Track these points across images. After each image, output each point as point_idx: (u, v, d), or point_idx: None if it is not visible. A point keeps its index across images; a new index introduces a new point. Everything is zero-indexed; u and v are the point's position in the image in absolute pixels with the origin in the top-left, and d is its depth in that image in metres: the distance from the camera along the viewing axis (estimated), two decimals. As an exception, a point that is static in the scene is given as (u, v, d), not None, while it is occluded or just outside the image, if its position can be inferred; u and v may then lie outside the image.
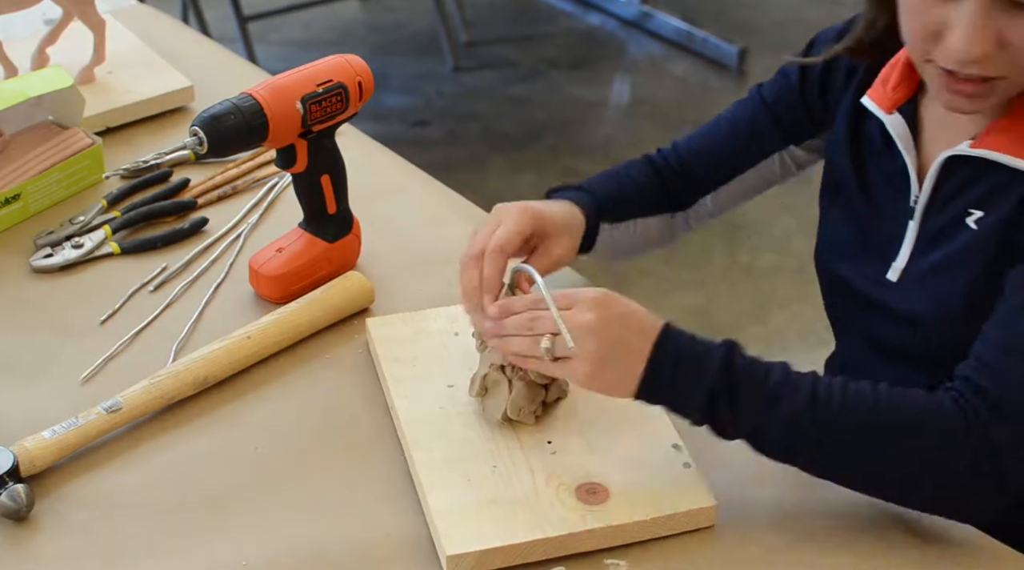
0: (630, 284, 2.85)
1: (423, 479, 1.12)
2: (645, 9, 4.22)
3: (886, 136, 1.23)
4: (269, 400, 1.24)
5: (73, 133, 1.54)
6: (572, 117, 3.76)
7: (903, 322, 1.21)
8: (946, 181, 1.18)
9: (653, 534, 1.08)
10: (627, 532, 1.08)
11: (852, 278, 1.28)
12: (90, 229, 1.46)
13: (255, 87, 1.28)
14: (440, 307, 1.32)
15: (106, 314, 1.35)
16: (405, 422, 1.18)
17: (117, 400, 1.19)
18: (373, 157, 1.65)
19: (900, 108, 1.21)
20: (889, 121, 1.21)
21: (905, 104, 1.21)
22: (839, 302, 1.34)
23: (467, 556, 1.05)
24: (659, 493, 1.10)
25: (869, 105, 1.23)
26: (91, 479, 1.15)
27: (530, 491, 1.10)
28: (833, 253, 1.32)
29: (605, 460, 1.14)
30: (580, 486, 1.11)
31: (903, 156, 1.21)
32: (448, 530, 1.06)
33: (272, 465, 1.17)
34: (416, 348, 1.27)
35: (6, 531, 1.09)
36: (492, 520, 1.07)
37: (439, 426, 1.17)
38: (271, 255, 1.37)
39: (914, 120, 1.22)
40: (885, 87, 1.22)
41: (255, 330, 1.28)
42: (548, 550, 1.06)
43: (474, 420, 1.18)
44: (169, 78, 1.73)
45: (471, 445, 1.15)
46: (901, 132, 1.21)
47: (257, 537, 1.09)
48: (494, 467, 1.13)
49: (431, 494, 1.10)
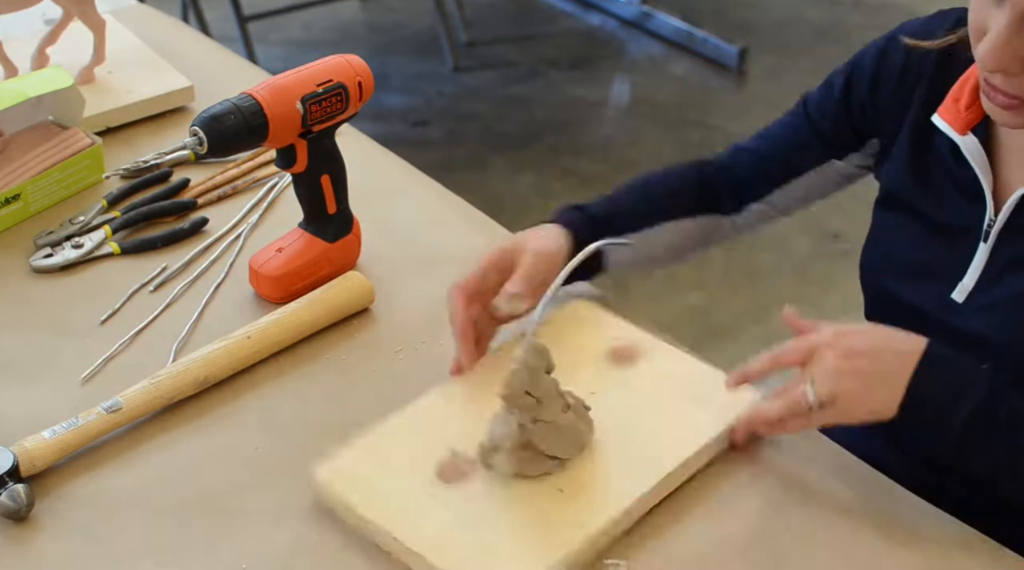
0: (630, 284, 2.85)
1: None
2: (645, 9, 4.22)
3: (957, 154, 1.20)
4: (269, 400, 1.24)
5: (73, 133, 1.54)
6: (572, 117, 3.76)
7: (968, 344, 1.17)
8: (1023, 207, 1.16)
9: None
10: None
11: (908, 295, 1.26)
12: (90, 229, 1.46)
13: (255, 87, 1.28)
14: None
15: (106, 314, 1.35)
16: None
17: (117, 400, 1.19)
18: (373, 157, 1.65)
19: (974, 130, 1.18)
20: (963, 143, 1.19)
21: (978, 125, 1.18)
22: (889, 318, 1.26)
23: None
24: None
25: (941, 125, 1.20)
26: (91, 479, 1.15)
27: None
28: (887, 267, 1.30)
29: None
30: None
31: (979, 178, 1.19)
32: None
33: (272, 465, 1.17)
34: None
35: (6, 531, 1.09)
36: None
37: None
38: (271, 255, 1.37)
39: (988, 141, 1.19)
40: (957, 106, 1.19)
41: (255, 330, 1.28)
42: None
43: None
44: (169, 78, 1.73)
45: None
46: (976, 155, 1.18)
47: (257, 537, 1.09)
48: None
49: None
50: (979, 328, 1.19)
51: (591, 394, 1.17)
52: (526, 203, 3.28)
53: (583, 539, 1.05)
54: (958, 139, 1.19)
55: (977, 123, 1.18)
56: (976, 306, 1.20)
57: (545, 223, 1.32)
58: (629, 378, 1.22)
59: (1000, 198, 1.18)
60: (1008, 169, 1.19)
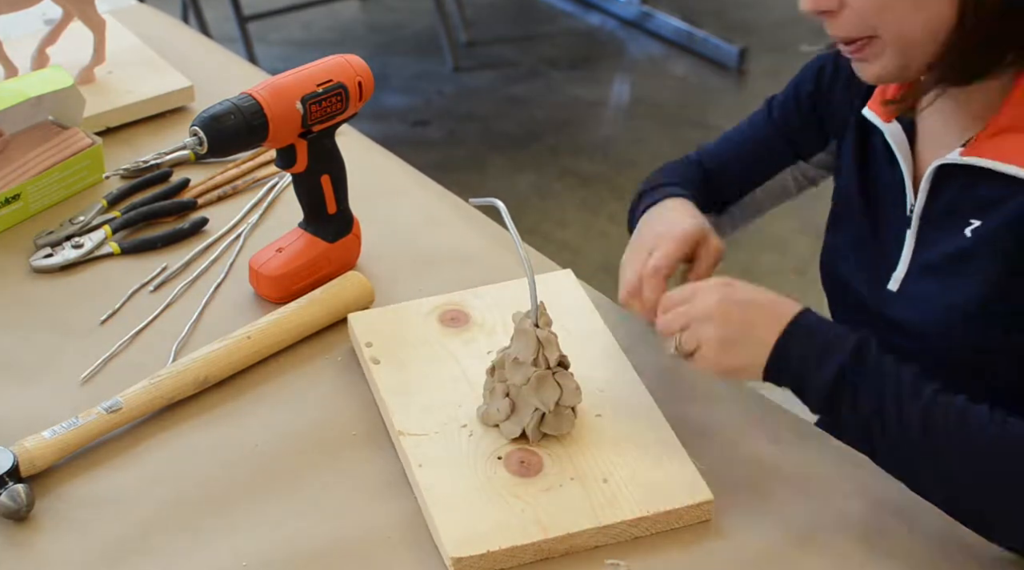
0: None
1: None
2: (645, 9, 4.21)
3: (888, 146, 1.23)
4: (269, 400, 1.24)
5: (73, 133, 1.54)
6: (572, 117, 3.76)
7: (904, 332, 1.20)
8: (942, 191, 1.18)
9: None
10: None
11: (853, 286, 1.29)
12: (90, 229, 1.46)
13: (255, 87, 1.28)
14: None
15: (106, 314, 1.35)
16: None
17: (117, 400, 1.19)
18: (373, 157, 1.65)
19: (900, 118, 1.21)
20: (888, 130, 1.22)
21: (903, 116, 1.21)
22: (840, 309, 1.34)
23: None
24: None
25: (870, 116, 1.24)
26: (91, 479, 1.15)
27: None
28: (837, 260, 1.33)
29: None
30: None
31: (900, 165, 1.21)
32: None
33: (272, 465, 1.17)
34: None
35: (6, 531, 1.09)
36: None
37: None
38: (271, 255, 1.37)
39: (911, 130, 1.22)
40: (884, 97, 1.22)
41: (255, 330, 1.28)
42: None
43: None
44: (169, 78, 1.72)
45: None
46: (899, 140, 1.21)
47: (257, 537, 1.09)
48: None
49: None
50: (908, 317, 1.21)
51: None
52: (526, 203, 3.28)
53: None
54: (883, 126, 1.22)
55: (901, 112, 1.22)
56: (906, 295, 1.22)
57: (648, 195, 1.37)
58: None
59: (919, 185, 1.21)
60: (929, 155, 1.21)
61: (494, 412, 1.16)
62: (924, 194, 1.19)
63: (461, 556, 1.04)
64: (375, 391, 1.22)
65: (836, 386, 1.07)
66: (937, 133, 1.20)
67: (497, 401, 1.15)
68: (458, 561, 1.04)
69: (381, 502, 1.13)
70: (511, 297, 1.31)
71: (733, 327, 1.11)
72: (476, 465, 1.13)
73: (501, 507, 1.09)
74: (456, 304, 1.31)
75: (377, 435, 1.20)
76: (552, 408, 1.13)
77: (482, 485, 1.11)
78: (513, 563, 1.06)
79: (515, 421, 1.15)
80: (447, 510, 1.08)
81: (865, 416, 1.06)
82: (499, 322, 1.29)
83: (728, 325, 1.11)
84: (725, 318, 1.11)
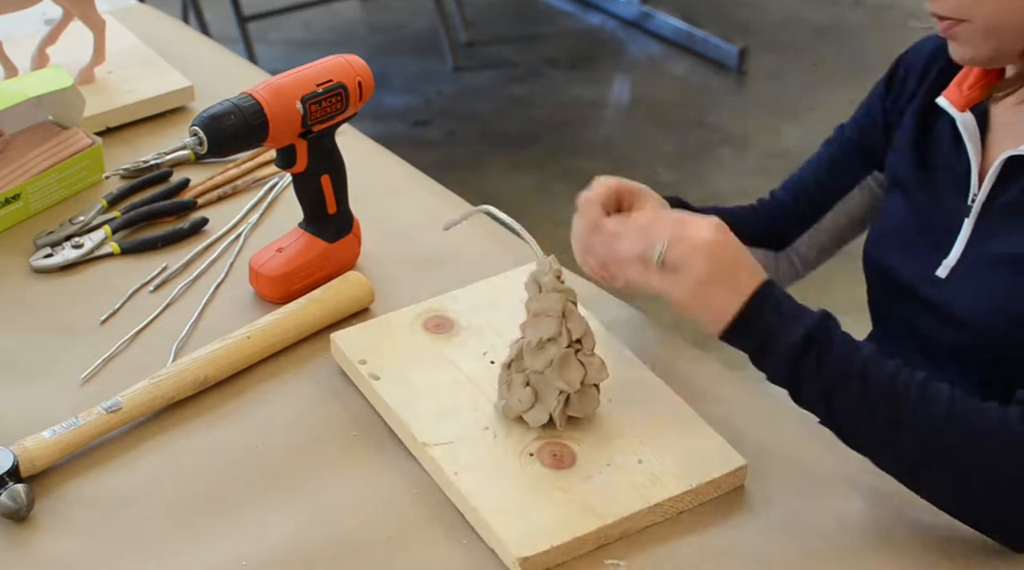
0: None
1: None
2: (645, 9, 4.22)
3: (956, 135, 1.24)
4: (269, 400, 1.24)
5: (73, 133, 1.54)
6: (572, 117, 3.76)
7: (948, 321, 1.20)
8: (1008, 183, 1.18)
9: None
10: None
11: (900, 270, 1.29)
12: (90, 229, 1.47)
13: (255, 87, 1.28)
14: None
15: (106, 314, 1.35)
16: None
17: (117, 400, 1.19)
18: (373, 157, 1.65)
19: (973, 108, 1.22)
20: (960, 119, 1.22)
21: (978, 104, 1.22)
22: (882, 293, 1.34)
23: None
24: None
25: (944, 104, 1.24)
26: (91, 479, 1.15)
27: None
28: (884, 244, 1.33)
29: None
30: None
31: (968, 154, 1.22)
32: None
33: (272, 465, 1.17)
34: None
35: (6, 531, 1.09)
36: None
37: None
38: (271, 255, 1.37)
39: (984, 122, 1.23)
40: (961, 87, 1.23)
41: (255, 330, 1.28)
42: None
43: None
44: (169, 78, 1.73)
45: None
46: (971, 129, 1.22)
47: (257, 537, 1.09)
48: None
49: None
50: (952, 306, 1.21)
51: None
52: (526, 203, 3.28)
53: None
54: (956, 115, 1.23)
55: (977, 103, 1.23)
56: (956, 283, 1.22)
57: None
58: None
59: (985, 175, 1.21)
60: (999, 147, 1.21)
61: (516, 404, 1.15)
62: (989, 185, 1.20)
63: (528, 555, 1.04)
64: (380, 407, 1.21)
65: (804, 349, 1.06)
66: (1011, 125, 1.21)
67: (518, 392, 1.15)
68: (525, 560, 1.03)
69: (381, 502, 1.13)
70: (486, 296, 1.31)
71: (721, 265, 1.07)
72: (510, 464, 1.12)
73: (550, 501, 1.09)
74: (436, 310, 1.30)
75: (377, 435, 1.20)
76: (578, 388, 1.13)
77: (524, 483, 1.11)
78: (573, 555, 1.06)
79: (540, 409, 1.14)
80: (499, 512, 1.07)
81: (829, 383, 1.06)
82: (484, 322, 1.28)
83: (717, 261, 1.07)
84: (716, 254, 1.07)
